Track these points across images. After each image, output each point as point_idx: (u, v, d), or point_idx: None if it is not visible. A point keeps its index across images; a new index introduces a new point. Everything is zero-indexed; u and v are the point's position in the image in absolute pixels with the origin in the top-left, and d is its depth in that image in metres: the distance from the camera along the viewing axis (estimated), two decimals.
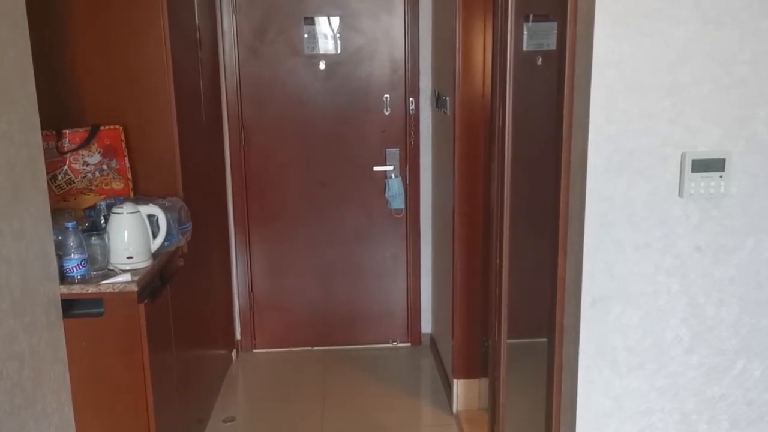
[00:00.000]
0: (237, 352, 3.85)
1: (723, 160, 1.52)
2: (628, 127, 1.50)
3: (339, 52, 3.64)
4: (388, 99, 3.70)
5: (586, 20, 1.50)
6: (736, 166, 1.53)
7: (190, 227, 2.61)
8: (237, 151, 3.67)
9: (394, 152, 3.75)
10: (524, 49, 3.57)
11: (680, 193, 1.53)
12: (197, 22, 3.06)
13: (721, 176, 1.52)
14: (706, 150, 1.52)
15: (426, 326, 3.97)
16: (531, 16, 3.20)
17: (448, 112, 3.13)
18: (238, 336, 3.88)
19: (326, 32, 3.62)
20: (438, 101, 3.47)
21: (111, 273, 2.18)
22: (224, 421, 3.14)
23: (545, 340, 1.86)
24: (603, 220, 1.54)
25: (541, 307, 1.89)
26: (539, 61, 3.52)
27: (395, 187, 3.74)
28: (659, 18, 1.45)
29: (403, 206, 3.79)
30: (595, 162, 1.52)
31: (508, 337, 2.42)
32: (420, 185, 3.80)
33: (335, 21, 3.61)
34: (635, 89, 1.49)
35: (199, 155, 3.10)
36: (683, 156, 1.52)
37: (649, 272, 1.56)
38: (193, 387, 2.87)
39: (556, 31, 1.81)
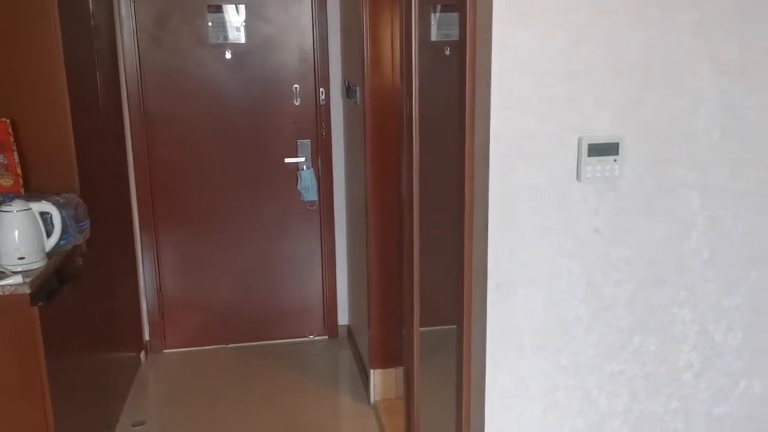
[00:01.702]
0: (146, 353, 3.71)
1: (617, 144, 1.57)
2: (527, 114, 1.53)
3: (246, 41, 3.56)
4: (298, 89, 3.65)
5: (485, 8, 1.51)
6: (629, 150, 1.58)
7: (89, 224, 2.49)
8: (140, 143, 3.53)
9: (305, 143, 3.71)
10: (433, 39, 3.59)
11: (578, 177, 1.57)
12: (91, 8, 2.90)
13: (615, 160, 1.57)
14: (601, 134, 1.57)
15: (343, 318, 3.95)
16: (439, 6, 3.22)
17: (359, 102, 3.12)
18: (146, 336, 3.74)
19: (232, 21, 3.53)
20: (348, 91, 3.45)
21: (1, 275, 2.04)
22: (133, 426, 3.02)
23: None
24: (506, 205, 1.57)
25: (452, 294, 1.91)
26: (447, 51, 3.55)
27: (308, 179, 3.70)
28: (553, 5, 1.48)
29: (316, 198, 3.76)
30: (497, 148, 1.54)
31: (424, 325, 2.44)
32: (333, 176, 3.77)
33: (241, 9, 3.52)
34: (533, 76, 1.51)
35: (98, 148, 2.96)
36: (580, 140, 1.56)
37: (550, 255, 1.60)
38: (98, 391, 2.75)
39: None
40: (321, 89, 3.65)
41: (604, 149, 1.57)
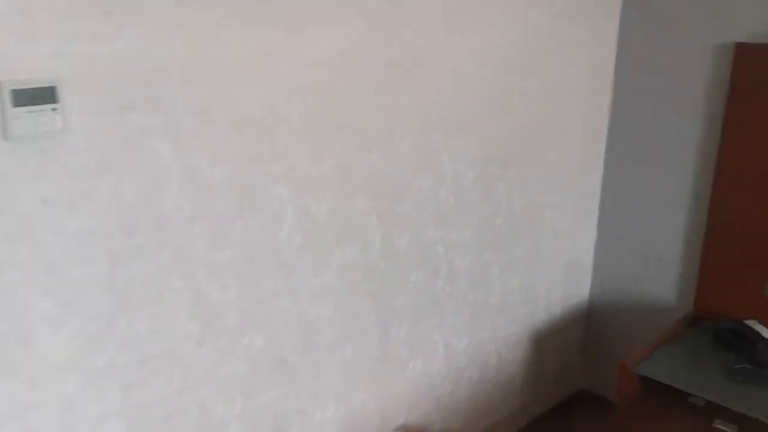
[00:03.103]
0: None
1: (54, 89, 1.22)
2: None
3: None
4: None
5: None
6: (73, 95, 1.25)
7: None
8: None
9: None
10: None
11: (6, 136, 1.19)
12: None
13: (54, 109, 1.23)
14: (30, 77, 1.20)
15: None
16: None
17: None
18: None
19: None
20: None
21: None
22: None
23: None
24: None
25: None
26: None
27: None
28: None
29: None
30: None
31: None
32: None
33: None
34: None
35: None
36: (0, 86, 1.16)
37: None
38: None
39: None
40: None
41: (37, 96, 1.20)
